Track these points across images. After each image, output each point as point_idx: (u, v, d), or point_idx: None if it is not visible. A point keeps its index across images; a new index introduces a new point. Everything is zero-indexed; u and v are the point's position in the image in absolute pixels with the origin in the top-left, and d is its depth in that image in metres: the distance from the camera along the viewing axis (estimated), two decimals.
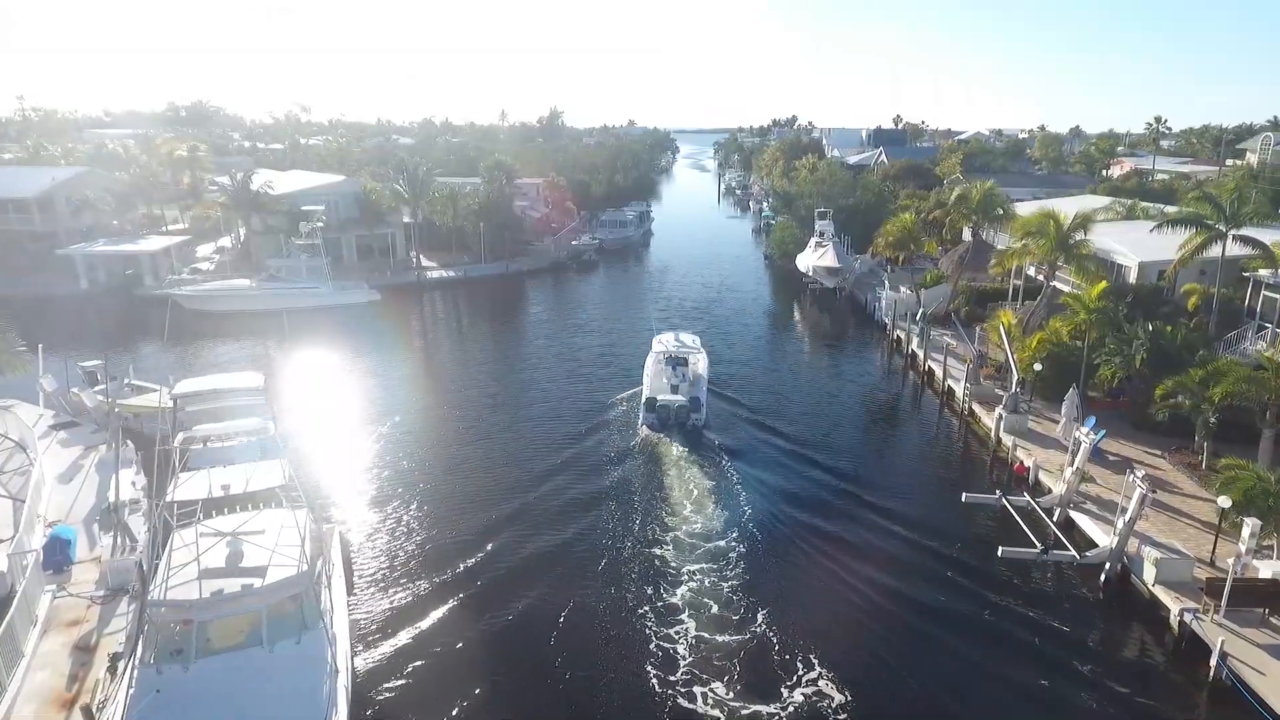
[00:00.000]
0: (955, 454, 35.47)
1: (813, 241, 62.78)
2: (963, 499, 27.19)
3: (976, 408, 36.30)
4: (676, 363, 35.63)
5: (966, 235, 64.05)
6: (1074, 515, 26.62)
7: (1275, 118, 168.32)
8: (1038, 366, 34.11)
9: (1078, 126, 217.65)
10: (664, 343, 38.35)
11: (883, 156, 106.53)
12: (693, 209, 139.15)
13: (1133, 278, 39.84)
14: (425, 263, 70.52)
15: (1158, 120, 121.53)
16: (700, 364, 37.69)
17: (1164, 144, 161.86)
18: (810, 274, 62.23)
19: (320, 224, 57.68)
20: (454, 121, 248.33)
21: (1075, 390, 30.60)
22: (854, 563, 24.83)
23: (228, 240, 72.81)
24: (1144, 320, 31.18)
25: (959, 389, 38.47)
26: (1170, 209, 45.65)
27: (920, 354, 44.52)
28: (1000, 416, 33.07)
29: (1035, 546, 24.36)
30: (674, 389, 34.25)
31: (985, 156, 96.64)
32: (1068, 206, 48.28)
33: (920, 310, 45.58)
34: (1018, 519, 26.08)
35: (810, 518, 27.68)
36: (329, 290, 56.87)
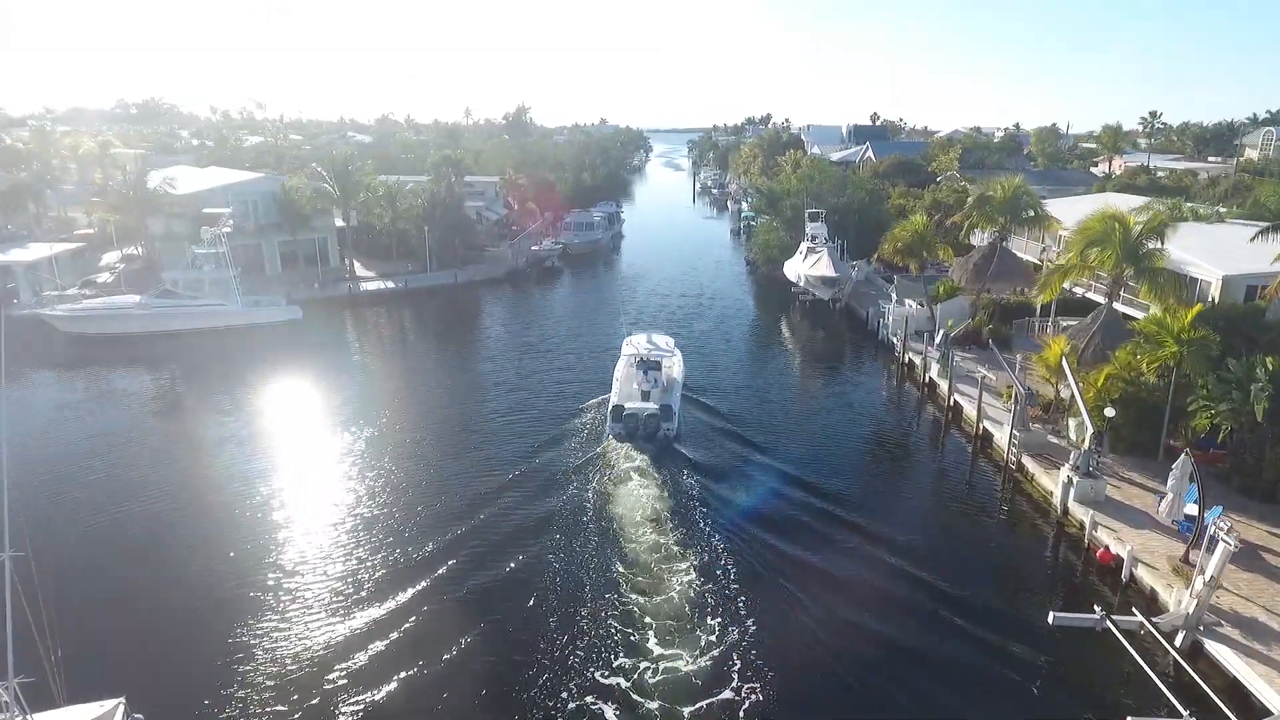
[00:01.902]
0: (1002, 523, 27.70)
1: (804, 247, 55.01)
2: (1050, 620, 19.23)
3: (1028, 462, 28.60)
4: (648, 367, 33.06)
5: (976, 238, 56.95)
6: (1209, 646, 18.87)
7: (1256, 114, 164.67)
8: (1109, 412, 26.51)
9: (1054, 125, 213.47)
10: (635, 345, 35.62)
11: (869, 152, 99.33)
12: (667, 209, 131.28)
13: (1213, 295, 32.38)
14: (362, 272, 61.84)
15: (1153, 115, 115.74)
16: (675, 368, 35.31)
17: (1140, 142, 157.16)
18: (801, 284, 54.51)
19: (228, 229, 48.83)
20: (418, 119, 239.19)
21: (1188, 457, 22.86)
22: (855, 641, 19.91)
23: (138, 248, 63.48)
24: (1263, 356, 23.57)
25: (1000, 434, 30.82)
26: (1217, 209, 38.78)
27: (942, 384, 36.87)
28: (1069, 481, 25.36)
29: (1178, 714, 16.35)
30: (645, 395, 31.84)
31: (980, 152, 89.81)
32: (1087, 207, 41.19)
33: (941, 332, 37.87)
34: (1132, 652, 18.17)
35: (800, 577, 22.96)
36: (237, 307, 48.07)
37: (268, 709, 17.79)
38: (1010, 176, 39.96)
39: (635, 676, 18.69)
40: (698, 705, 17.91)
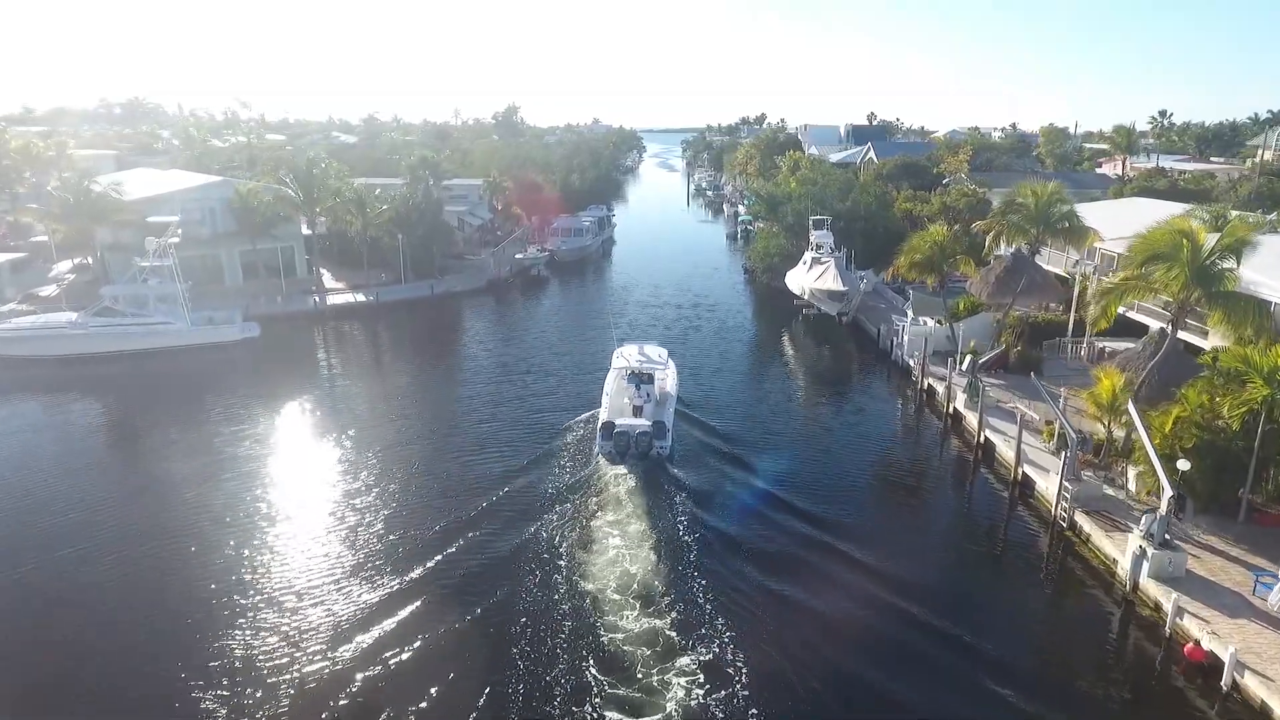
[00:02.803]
0: (1052, 593, 23.51)
1: (808, 257, 50.75)
2: None
3: (1083, 521, 24.37)
4: (640, 379, 31.30)
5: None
6: None
7: (1257, 114, 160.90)
8: (1183, 464, 22.32)
9: (1051, 124, 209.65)
10: (626, 356, 33.61)
11: (871, 154, 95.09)
12: (660, 212, 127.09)
13: None
14: (332, 283, 57.35)
15: (1162, 114, 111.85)
16: (668, 381, 33.47)
17: (1141, 143, 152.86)
18: (805, 296, 50.31)
19: (175, 239, 44.30)
20: (407, 119, 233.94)
21: None
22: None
23: (89, 259, 58.83)
24: None
25: (1044, 482, 26.61)
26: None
27: (970, 417, 32.67)
28: (1141, 552, 21.12)
29: None
30: (636, 410, 30.14)
31: (988, 153, 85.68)
32: (1118, 213, 37.12)
33: (968, 358, 33.63)
34: None
35: (803, 629, 20.35)
36: (186, 326, 43.56)
37: None
38: (1040, 182, 35.73)
39: None
40: None
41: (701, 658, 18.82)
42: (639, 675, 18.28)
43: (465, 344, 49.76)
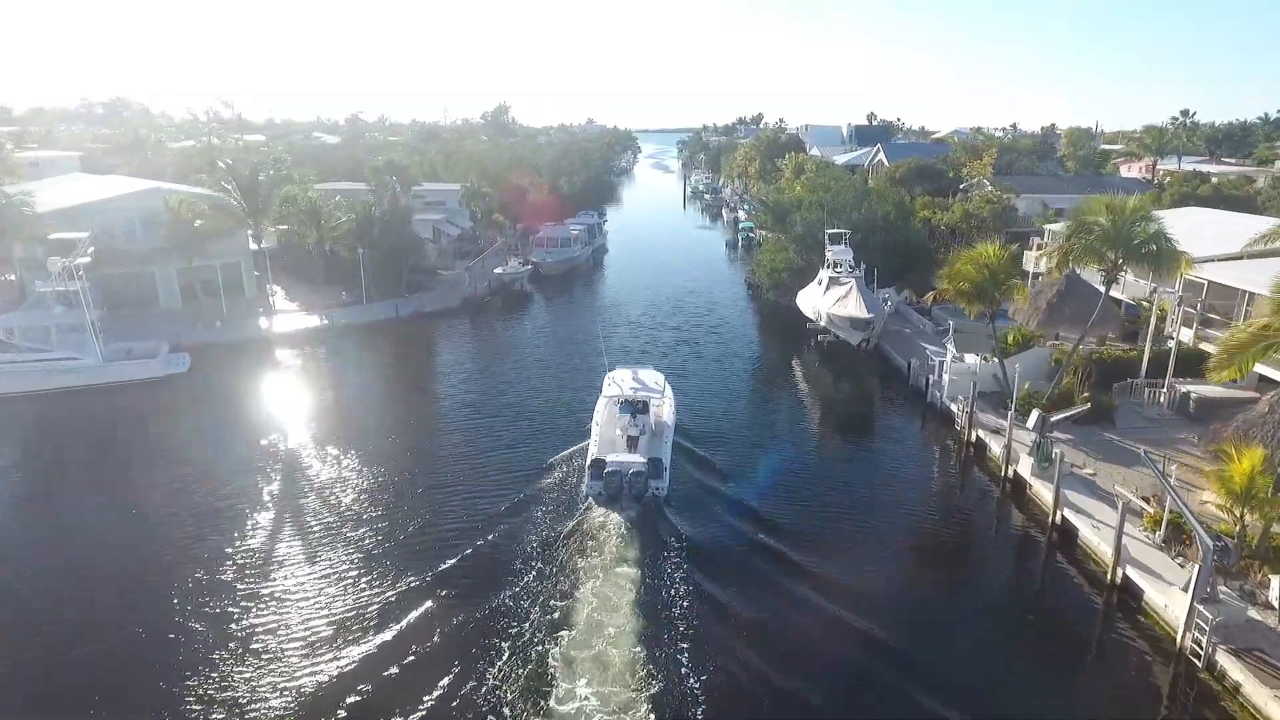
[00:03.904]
0: None
1: (824, 276, 44.27)
2: None
3: (1230, 665, 17.97)
4: (635, 408, 28.93)
5: (1028, 261, 46.87)
6: None
7: (1268, 114, 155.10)
8: None
9: (1053, 125, 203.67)
10: (618, 382, 30.52)
11: (881, 155, 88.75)
12: (656, 216, 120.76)
13: None
14: (284, 304, 50.86)
15: (1184, 114, 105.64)
16: (665, 410, 30.68)
17: (1146, 141, 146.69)
18: (822, 322, 43.88)
19: (85, 258, 37.77)
20: (395, 119, 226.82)
21: None
22: None
23: (14, 277, 52.17)
24: None
25: (1162, 597, 20.25)
26: None
27: (1040, 488, 26.31)
28: None
29: None
30: (630, 443, 27.54)
31: (1008, 155, 79.42)
32: (1178, 224, 30.87)
33: (1036, 414, 27.18)
34: None
35: None
36: (96, 361, 37.04)
37: None
38: (1122, 197, 29.38)
39: None
40: None
41: None
42: None
43: (434, 374, 43.36)
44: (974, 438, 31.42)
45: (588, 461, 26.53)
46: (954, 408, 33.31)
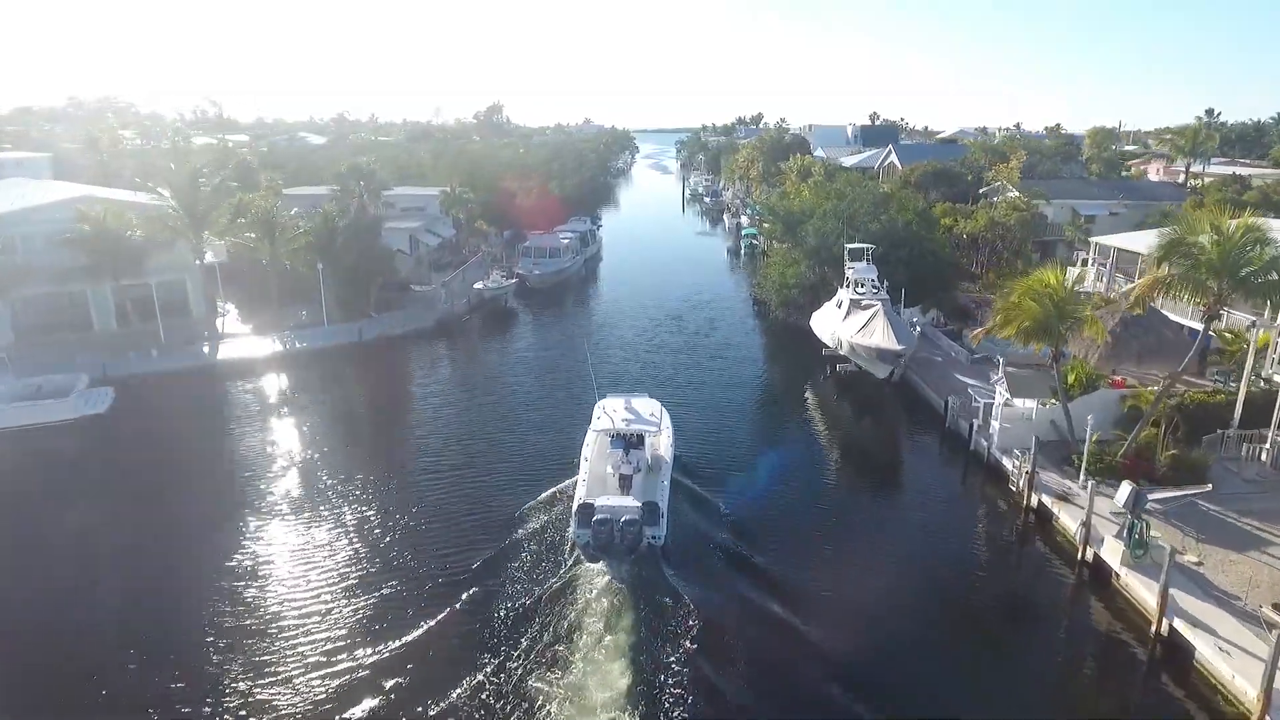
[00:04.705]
0: None
1: (844, 298, 38.72)
2: None
3: None
4: (628, 443, 25.74)
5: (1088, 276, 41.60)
6: None
7: None
8: None
9: (1058, 125, 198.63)
10: (609, 413, 27.35)
11: (893, 157, 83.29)
12: (653, 220, 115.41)
13: None
14: (236, 327, 45.41)
15: (1209, 114, 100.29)
16: (662, 444, 27.64)
17: (1150, 143, 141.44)
18: (842, 350, 38.45)
19: None
20: (386, 119, 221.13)
21: None
22: None
23: None
24: None
25: None
26: None
27: (1136, 584, 20.89)
28: None
29: None
30: (623, 483, 24.26)
31: (1031, 157, 73.94)
32: None
33: (1128, 489, 21.67)
34: None
35: None
36: None
37: None
38: (1221, 212, 24.05)
39: None
40: None
41: None
42: None
43: (398, 409, 37.98)
44: (1035, 502, 26.02)
45: (574, 506, 23.46)
46: (1007, 463, 27.89)
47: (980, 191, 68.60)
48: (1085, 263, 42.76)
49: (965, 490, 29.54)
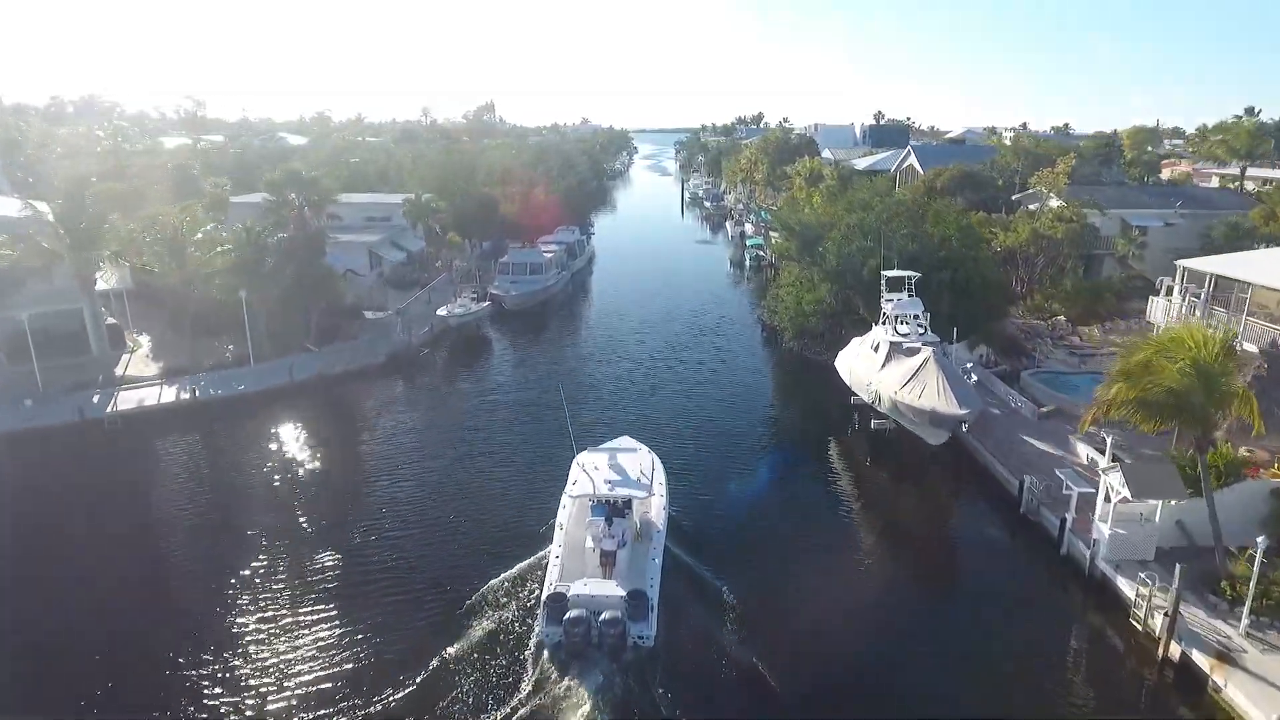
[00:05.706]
0: None
1: (882, 340, 30.88)
2: None
3: None
4: (612, 512, 21.28)
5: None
6: None
7: None
8: None
9: (1066, 125, 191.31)
10: (589, 472, 22.33)
11: (912, 159, 75.65)
12: (651, 226, 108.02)
13: None
14: (141, 369, 37.79)
15: (1249, 112, 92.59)
16: (654, 507, 22.93)
17: (1169, 144, 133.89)
18: (879, 406, 30.69)
19: None
20: (374, 119, 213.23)
21: None
22: None
23: None
24: None
25: None
26: None
27: None
28: None
29: None
30: (606, 558, 20.25)
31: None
32: None
33: None
34: None
35: None
36: None
37: None
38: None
39: None
40: None
41: None
42: None
43: (331, 469, 30.51)
44: (1176, 653, 18.44)
45: (544, 594, 19.79)
46: (1124, 585, 20.31)
47: (1013, 199, 61.19)
48: (1169, 291, 35.23)
49: (1059, 616, 21.87)
